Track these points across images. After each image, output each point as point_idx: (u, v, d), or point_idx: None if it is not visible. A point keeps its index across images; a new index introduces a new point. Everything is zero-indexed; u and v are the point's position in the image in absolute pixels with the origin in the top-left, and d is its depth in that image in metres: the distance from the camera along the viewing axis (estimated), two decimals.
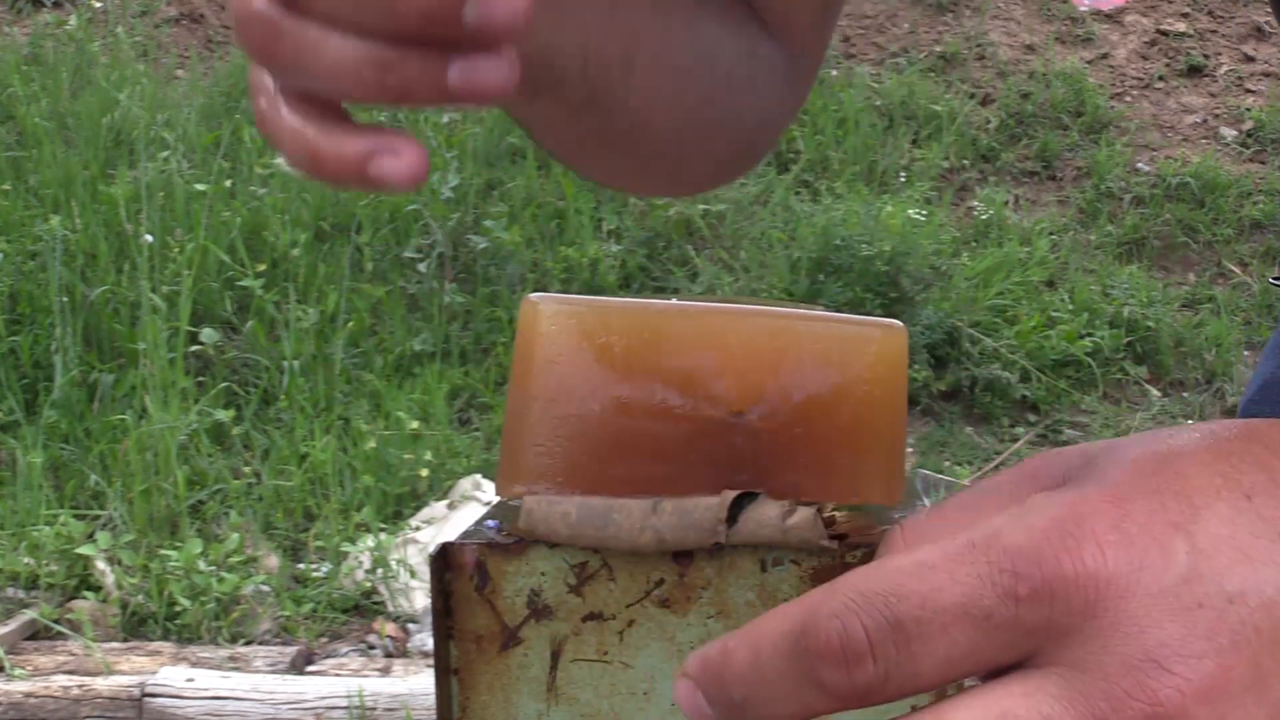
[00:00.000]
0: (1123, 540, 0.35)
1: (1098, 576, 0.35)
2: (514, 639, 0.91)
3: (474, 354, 4.47)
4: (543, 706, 0.91)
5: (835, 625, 0.36)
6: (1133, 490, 0.37)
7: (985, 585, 0.35)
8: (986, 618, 0.35)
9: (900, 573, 0.36)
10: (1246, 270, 5.19)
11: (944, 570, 0.36)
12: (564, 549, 0.89)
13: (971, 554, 0.36)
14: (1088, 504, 0.36)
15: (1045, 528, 0.36)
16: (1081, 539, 0.35)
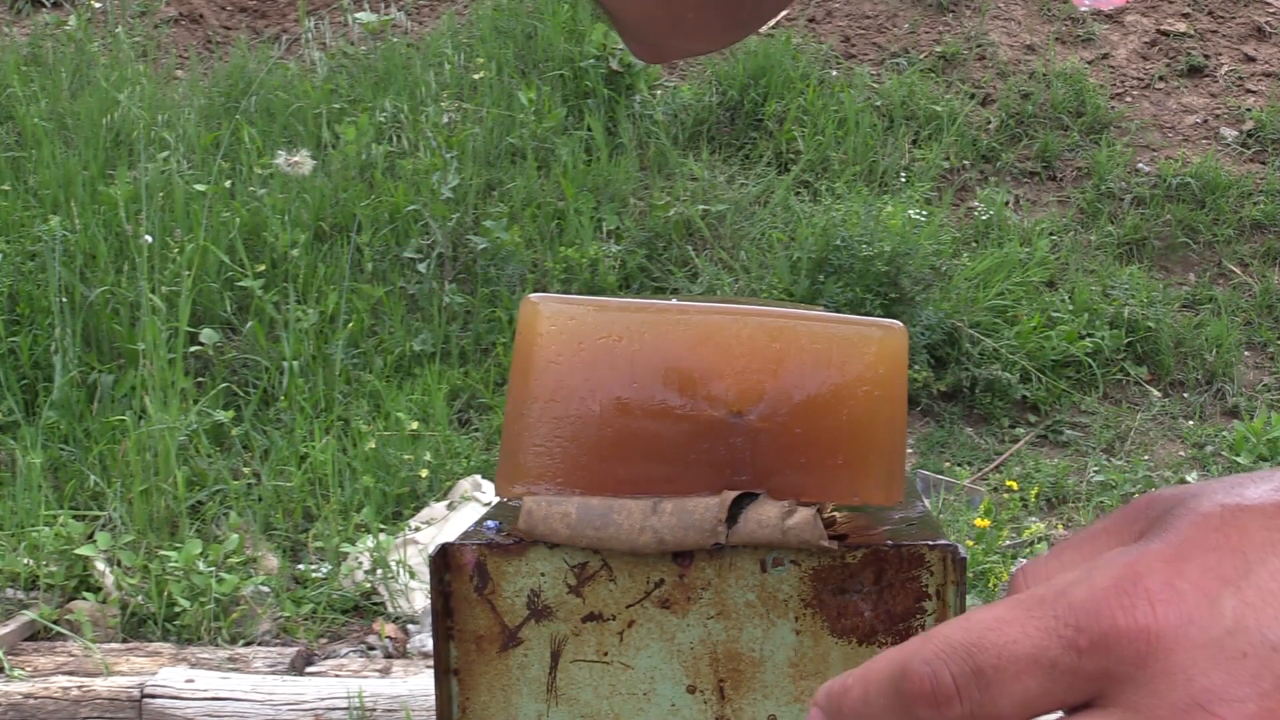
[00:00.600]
0: (1174, 597, 0.40)
1: (1148, 631, 0.40)
2: (514, 639, 0.91)
3: (474, 354, 4.47)
4: (543, 707, 0.91)
5: (927, 671, 0.42)
6: (1192, 547, 0.41)
7: (1051, 638, 0.41)
8: (1053, 665, 0.41)
9: (980, 626, 0.42)
10: (1247, 270, 5.19)
11: (1017, 625, 0.41)
12: (564, 549, 0.88)
13: (1041, 609, 0.41)
14: (1146, 562, 0.41)
15: (1106, 585, 0.41)
16: (1136, 596, 0.40)
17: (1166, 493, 0.45)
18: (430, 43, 5.61)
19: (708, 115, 5.35)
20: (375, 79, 5.38)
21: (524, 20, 5.58)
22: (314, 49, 5.68)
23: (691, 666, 0.89)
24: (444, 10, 6.01)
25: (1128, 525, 0.45)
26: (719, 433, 0.91)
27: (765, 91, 5.41)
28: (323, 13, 5.99)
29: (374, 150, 4.91)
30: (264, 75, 5.38)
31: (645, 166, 5.15)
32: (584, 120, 5.17)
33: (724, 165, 5.23)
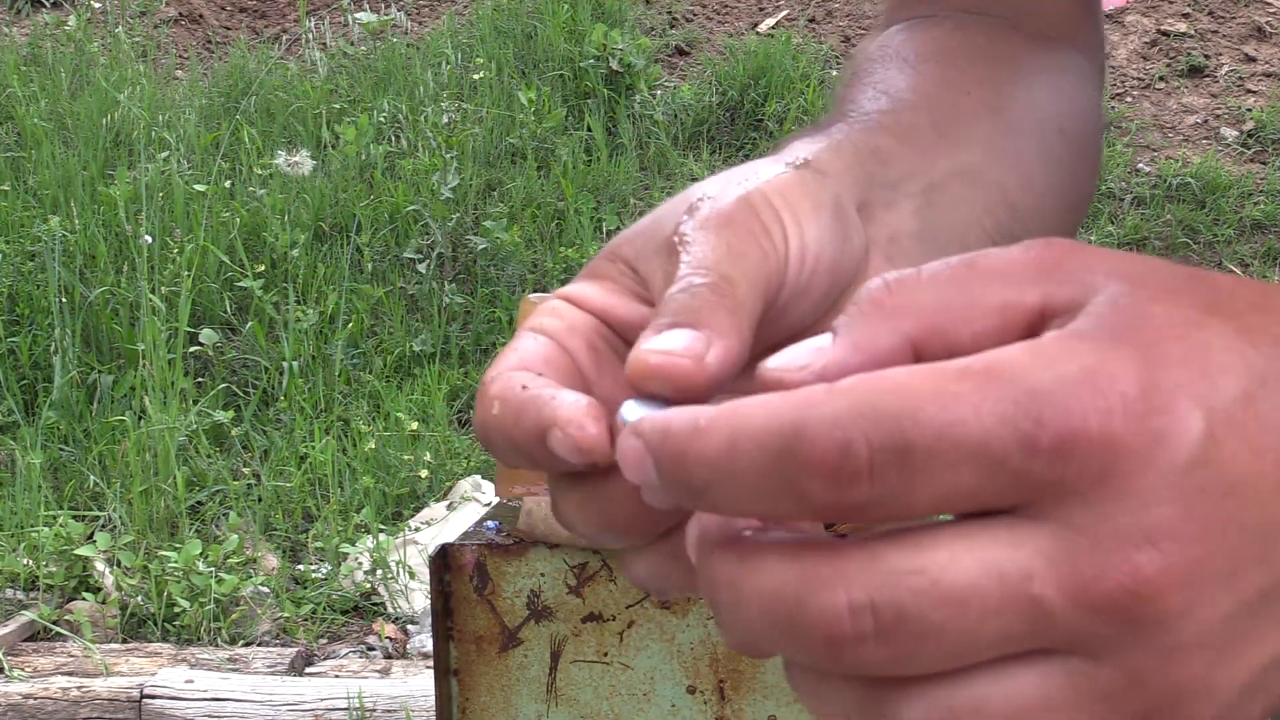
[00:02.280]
0: (1148, 410, 0.35)
1: (1119, 443, 0.35)
2: (514, 640, 0.90)
3: (473, 354, 4.47)
4: (542, 707, 0.91)
5: (837, 436, 0.34)
6: (1162, 355, 0.36)
7: (1007, 428, 0.34)
8: (1000, 462, 0.35)
9: (919, 393, 0.35)
10: (1247, 270, 5.19)
11: (967, 402, 0.34)
12: (564, 549, 0.88)
13: (997, 389, 0.35)
14: (1119, 361, 0.36)
15: (1077, 379, 0.35)
16: (1111, 398, 0.35)
17: (1092, 264, 0.39)
18: (430, 43, 5.61)
19: (708, 115, 5.35)
20: (375, 79, 5.38)
21: (524, 20, 5.58)
22: (314, 49, 5.68)
23: (691, 667, 0.89)
24: (444, 10, 6.00)
25: (1038, 280, 0.39)
26: None
27: (765, 91, 5.41)
28: (323, 13, 5.99)
29: (374, 150, 4.91)
30: (264, 75, 5.38)
31: (645, 166, 5.15)
32: (584, 120, 5.17)
33: (724, 165, 5.22)
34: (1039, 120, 0.73)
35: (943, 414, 0.34)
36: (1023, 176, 0.68)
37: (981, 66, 0.73)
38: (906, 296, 0.39)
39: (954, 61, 0.73)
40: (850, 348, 0.39)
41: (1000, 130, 0.69)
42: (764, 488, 0.35)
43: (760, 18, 6.00)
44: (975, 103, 0.70)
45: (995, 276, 0.39)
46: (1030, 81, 0.75)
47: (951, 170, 0.64)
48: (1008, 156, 0.68)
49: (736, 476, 0.35)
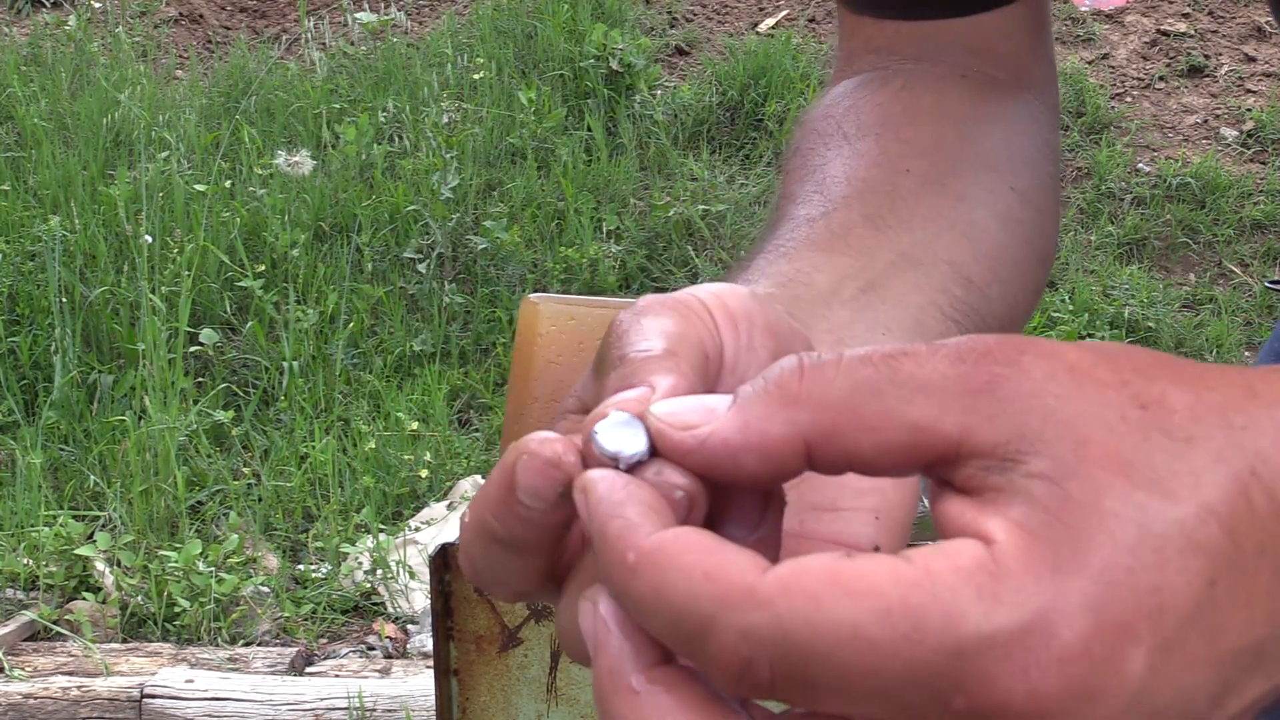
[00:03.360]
0: (1086, 670, 0.33)
1: (1044, 711, 0.33)
2: (514, 639, 0.90)
3: (474, 354, 4.47)
4: (543, 707, 0.91)
5: (742, 652, 0.34)
6: (1112, 589, 0.34)
7: (920, 689, 0.33)
8: (909, 709, 0.33)
9: (834, 635, 0.33)
10: (1247, 271, 5.19)
11: (883, 654, 0.33)
12: None
13: (915, 643, 0.33)
14: (1063, 609, 0.33)
15: (1010, 639, 0.33)
16: (1046, 665, 0.33)
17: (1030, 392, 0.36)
18: (430, 43, 5.61)
19: (708, 115, 5.35)
20: (375, 79, 5.38)
21: (524, 20, 5.58)
22: (314, 49, 5.68)
23: None
24: (444, 10, 6.00)
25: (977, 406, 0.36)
26: None
27: (765, 91, 5.40)
28: (323, 13, 5.99)
29: (374, 150, 4.91)
30: (264, 75, 5.38)
31: (645, 166, 5.15)
32: (584, 120, 5.17)
33: (724, 165, 5.23)
34: (989, 183, 0.70)
35: (854, 661, 0.33)
36: (975, 245, 0.66)
37: (926, 132, 0.71)
38: (816, 387, 0.37)
39: (896, 132, 0.71)
40: (739, 425, 0.37)
41: (946, 202, 0.67)
42: (680, 648, 0.35)
43: (760, 18, 6.00)
44: (914, 180, 0.67)
45: (915, 388, 0.36)
46: (979, 140, 0.72)
47: (891, 261, 0.62)
48: (955, 228, 0.66)
49: (658, 628, 0.35)
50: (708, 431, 0.37)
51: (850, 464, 0.37)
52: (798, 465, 0.37)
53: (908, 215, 0.65)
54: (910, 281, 0.62)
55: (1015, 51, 0.78)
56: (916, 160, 0.69)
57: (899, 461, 0.36)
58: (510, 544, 0.41)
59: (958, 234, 0.66)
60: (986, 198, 0.70)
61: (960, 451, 0.36)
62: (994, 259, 0.67)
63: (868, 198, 0.65)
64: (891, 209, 0.65)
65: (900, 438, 0.36)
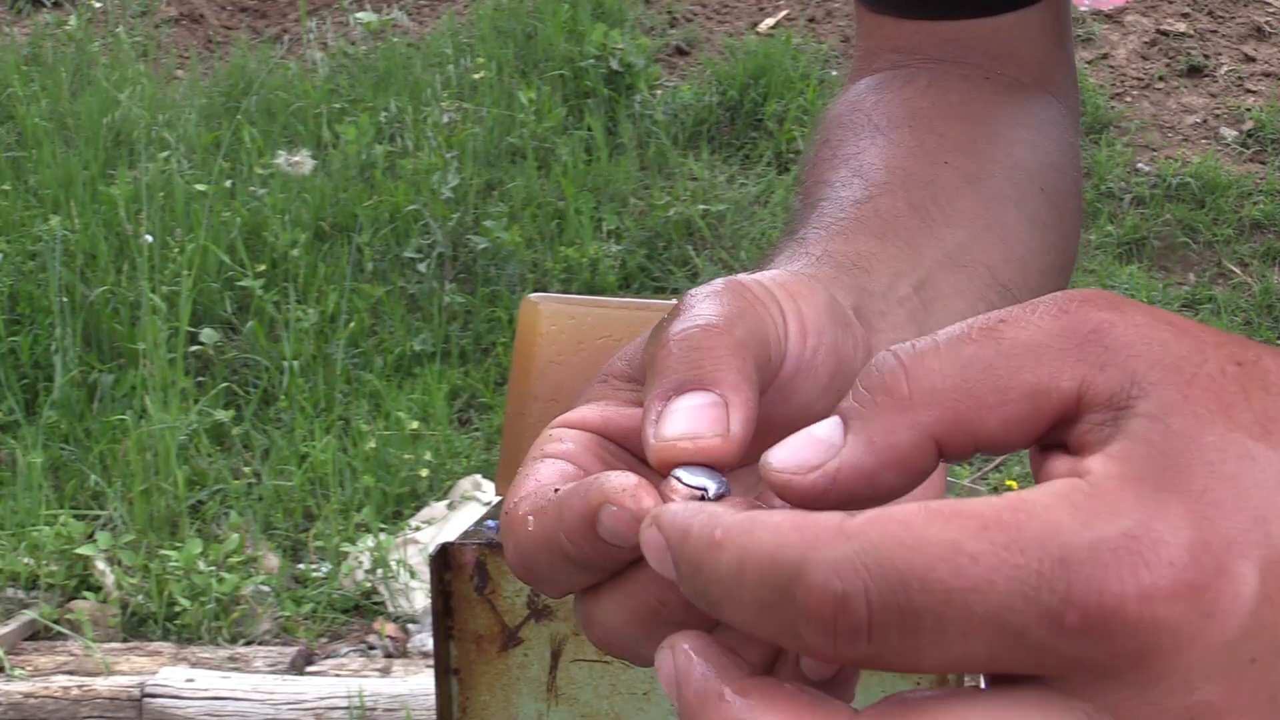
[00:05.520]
0: (1197, 580, 0.31)
1: (1160, 624, 0.31)
2: (514, 639, 0.91)
3: (474, 354, 4.47)
4: (543, 706, 0.91)
5: (835, 588, 0.31)
6: (1215, 505, 0.32)
7: (1029, 602, 0.31)
8: (1019, 635, 0.31)
9: (933, 550, 0.31)
10: (1247, 270, 5.19)
11: (985, 568, 0.31)
12: None
13: (1022, 556, 0.31)
14: (1167, 520, 0.32)
15: (1116, 545, 0.31)
16: (1156, 568, 0.31)
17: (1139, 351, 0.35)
18: (430, 43, 5.62)
19: (708, 115, 5.35)
20: (376, 79, 5.38)
21: (524, 20, 5.58)
22: (314, 49, 5.68)
23: None
24: (444, 10, 6.01)
25: (1074, 357, 0.35)
26: None
27: (765, 91, 5.41)
28: (323, 13, 5.99)
29: (374, 150, 4.91)
30: (264, 75, 5.39)
31: (645, 166, 5.15)
32: (584, 120, 5.17)
33: (724, 165, 5.23)
34: (1019, 184, 0.70)
35: (955, 578, 0.31)
36: (1008, 249, 0.66)
37: (957, 129, 0.70)
38: (925, 381, 0.35)
39: (928, 126, 0.70)
40: (865, 447, 0.36)
41: (982, 202, 0.67)
42: (767, 621, 0.33)
43: (760, 18, 6.00)
44: (953, 174, 0.67)
45: (1024, 353, 0.35)
46: (1008, 140, 0.72)
47: (938, 260, 0.62)
48: (991, 230, 0.66)
49: (744, 604, 0.33)
50: (836, 465, 0.36)
51: (979, 446, 0.36)
52: (931, 464, 0.36)
53: (951, 211, 0.64)
54: (955, 285, 0.61)
55: (1037, 54, 0.78)
56: (953, 155, 0.68)
57: (1027, 432, 0.35)
58: (583, 564, 0.41)
59: (994, 236, 0.66)
60: (1017, 199, 0.69)
61: (1080, 405, 0.35)
62: (1025, 263, 0.67)
63: (911, 187, 0.64)
64: (935, 201, 0.64)
65: (1024, 408, 0.35)
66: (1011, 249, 0.66)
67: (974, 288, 0.62)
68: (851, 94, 0.76)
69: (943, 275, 0.61)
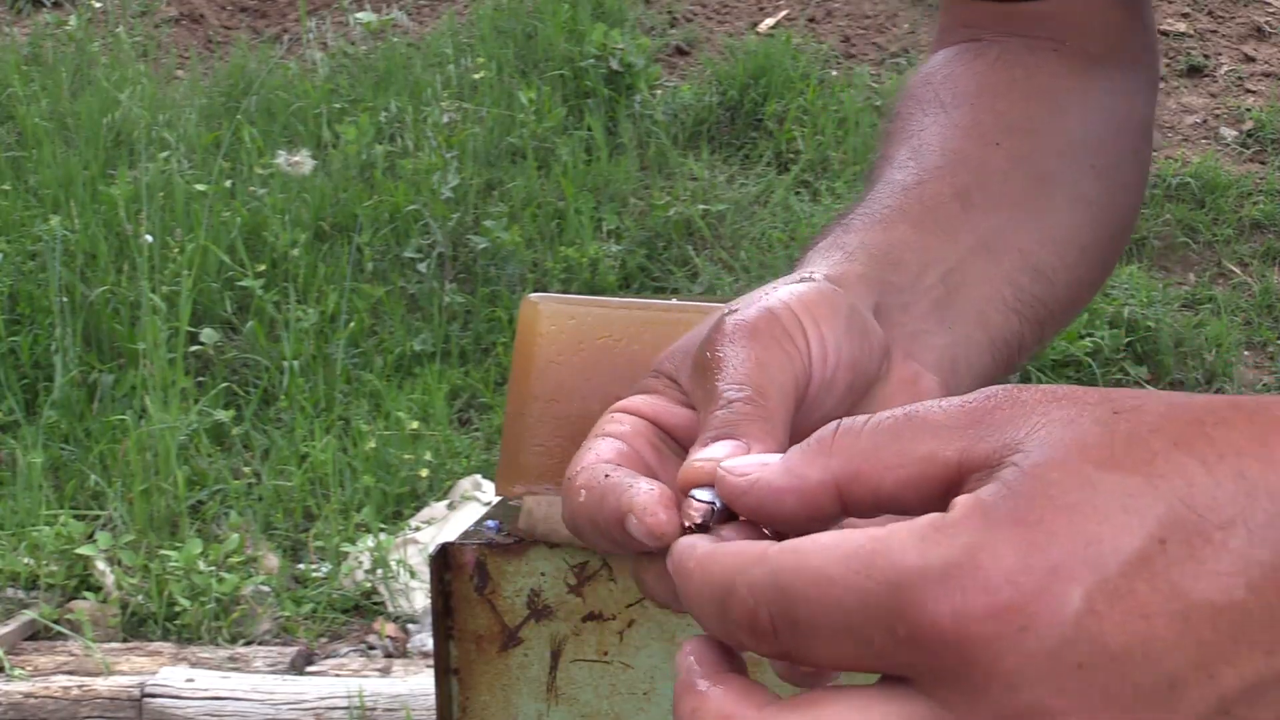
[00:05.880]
0: (1013, 599, 0.37)
1: (973, 638, 0.37)
2: (514, 639, 0.91)
3: (474, 354, 4.47)
4: (543, 706, 0.91)
5: (748, 605, 0.40)
6: (1046, 533, 0.37)
7: (869, 616, 0.38)
8: (869, 643, 0.38)
9: (804, 578, 0.39)
10: (1247, 270, 5.19)
11: (839, 587, 0.38)
12: (564, 549, 0.89)
13: (866, 577, 0.38)
14: (994, 548, 0.37)
15: (941, 569, 0.37)
16: (970, 592, 0.37)
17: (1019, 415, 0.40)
18: (430, 43, 5.62)
19: (708, 115, 5.35)
20: (376, 79, 5.38)
21: (524, 20, 5.58)
22: (314, 49, 5.68)
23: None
24: (444, 10, 6.01)
25: (970, 429, 0.40)
26: None
27: (765, 91, 5.41)
28: (323, 13, 5.99)
29: (374, 150, 4.91)
30: (264, 75, 5.39)
31: (645, 166, 5.15)
32: (584, 120, 5.17)
33: (724, 165, 5.23)
34: (1070, 162, 0.75)
35: (819, 595, 0.39)
36: (1045, 231, 0.72)
37: (1017, 107, 0.76)
38: (846, 439, 0.43)
39: (989, 104, 0.76)
40: (782, 471, 0.44)
41: (1026, 183, 0.73)
42: (719, 627, 0.42)
43: (760, 18, 6.00)
44: (1003, 156, 0.73)
45: (927, 428, 0.42)
46: (1066, 116, 0.76)
47: (971, 246, 0.69)
48: (1031, 213, 0.72)
49: (706, 614, 0.43)
50: (756, 477, 0.45)
51: (877, 501, 0.42)
52: (832, 508, 0.43)
53: (994, 195, 0.71)
54: (982, 272, 0.68)
55: (1109, 24, 0.81)
56: (1007, 136, 0.74)
57: (916, 494, 0.41)
58: (619, 545, 0.50)
59: (1033, 219, 0.72)
60: (1066, 178, 0.74)
61: (960, 472, 0.41)
62: (1064, 244, 0.72)
63: (959, 171, 0.71)
64: (979, 186, 0.71)
65: (914, 471, 0.41)
66: (1049, 230, 0.72)
67: (1001, 273, 0.69)
68: (928, 65, 0.82)
69: (972, 263, 0.68)
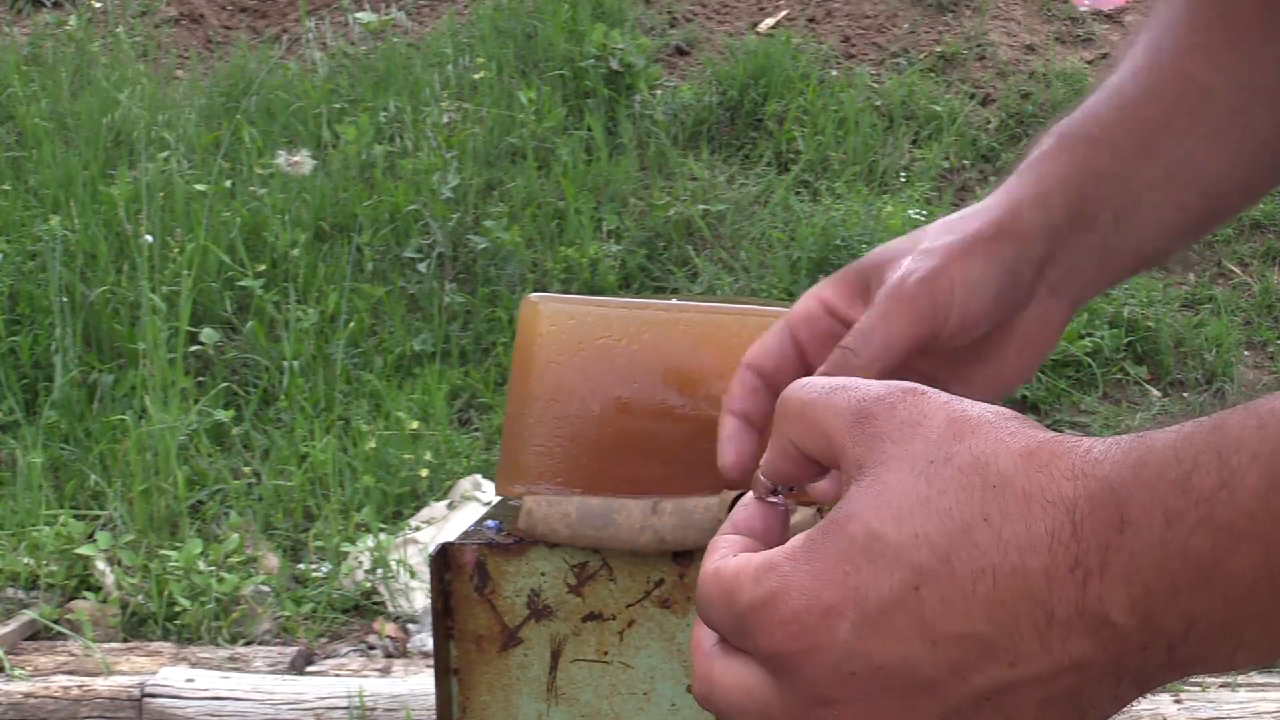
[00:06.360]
0: (802, 630, 0.52)
1: (783, 653, 0.53)
2: (514, 639, 0.91)
3: (474, 354, 4.47)
4: (543, 706, 0.91)
5: (699, 603, 0.58)
6: (827, 580, 0.52)
7: (733, 628, 0.55)
8: (737, 637, 0.55)
9: (705, 593, 0.56)
10: (1246, 270, 5.19)
11: (716, 610, 0.56)
12: (564, 549, 0.89)
13: (730, 604, 0.55)
14: (789, 592, 0.52)
15: (762, 604, 0.53)
16: (776, 624, 0.53)
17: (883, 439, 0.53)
18: (430, 43, 5.62)
19: (708, 115, 5.35)
20: (375, 79, 5.38)
21: (524, 20, 5.58)
22: (314, 49, 5.68)
23: (691, 666, 0.89)
24: (444, 10, 6.01)
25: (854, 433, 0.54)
26: None
27: (765, 91, 5.41)
28: (323, 13, 5.99)
29: (374, 150, 4.91)
30: (264, 75, 5.39)
31: (645, 166, 5.15)
32: (584, 120, 5.17)
33: (724, 165, 5.23)
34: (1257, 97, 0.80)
35: (706, 605, 0.56)
36: (1233, 154, 0.80)
37: (1251, 15, 0.80)
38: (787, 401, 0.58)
39: (1199, 30, 0.81)
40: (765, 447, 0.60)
41: (1233, 107, 0.80)
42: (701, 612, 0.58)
43: (760, 18, 6.00)
44: (1223, 77, 0.79)
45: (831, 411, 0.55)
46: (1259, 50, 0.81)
47: (1157, 177, 0.79)
48: (1227, 136, 0.80)
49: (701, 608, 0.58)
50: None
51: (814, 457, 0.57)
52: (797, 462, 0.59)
53: (1197, 116, 0.79)
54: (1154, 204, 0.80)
55: None
56: (1229, 51, 0.79)
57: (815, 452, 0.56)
58: None
59: (1227, 144, 0.80)
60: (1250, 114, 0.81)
61: (839, 457, 0.55)
62: (1247, 167, 0.81)
63: (1172, 89, 0.79)
64: (1174, 117, 0.79)
65: (816, 441, 0.56)
66: (1237, 154, 0.80)
67: (1174, 200, 0.80)
68: None
69: (1149, 196, 0.80)
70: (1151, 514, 0.47)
